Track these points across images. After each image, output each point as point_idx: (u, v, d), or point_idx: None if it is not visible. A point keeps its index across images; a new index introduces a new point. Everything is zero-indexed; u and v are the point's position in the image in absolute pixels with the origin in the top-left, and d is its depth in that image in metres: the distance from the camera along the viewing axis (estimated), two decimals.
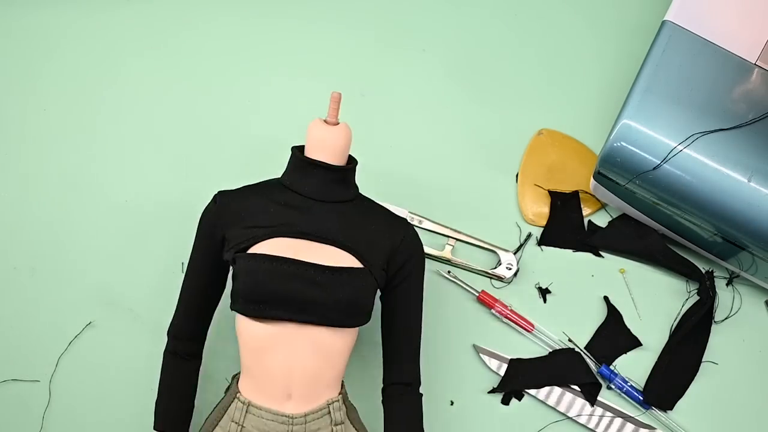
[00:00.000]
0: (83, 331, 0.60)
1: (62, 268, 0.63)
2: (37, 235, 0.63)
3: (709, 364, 0.63)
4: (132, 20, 0.70)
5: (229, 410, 0.50)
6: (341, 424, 0.50)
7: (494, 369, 0.62)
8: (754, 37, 0.62)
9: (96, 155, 0.66)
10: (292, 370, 0.49)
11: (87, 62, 0.68)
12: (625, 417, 0.62)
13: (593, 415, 0.61)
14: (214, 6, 0.71)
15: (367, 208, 0.53)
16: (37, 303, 0.62)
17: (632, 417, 0.62)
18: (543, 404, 0.62)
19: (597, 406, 0.62)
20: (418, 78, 0.70)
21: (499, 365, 0.62)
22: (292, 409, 0.49)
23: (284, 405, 0.49)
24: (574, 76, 0.71)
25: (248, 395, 0.49)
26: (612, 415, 0.61)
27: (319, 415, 0.49)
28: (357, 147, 0.62)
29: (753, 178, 0.58)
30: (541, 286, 0.65)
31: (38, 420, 0.59)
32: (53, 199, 0.64)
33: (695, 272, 0.65)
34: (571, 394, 0.62)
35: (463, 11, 0.72)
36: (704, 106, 0.60)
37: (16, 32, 0.68)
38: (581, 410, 0.61)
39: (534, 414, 0.62)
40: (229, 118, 0.68)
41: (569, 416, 0.61)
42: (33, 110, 0.66)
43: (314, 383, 0.49)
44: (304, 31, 0.71)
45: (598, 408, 0.62)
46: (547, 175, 0.67)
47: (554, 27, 0.72)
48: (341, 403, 0.51)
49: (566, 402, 0.61)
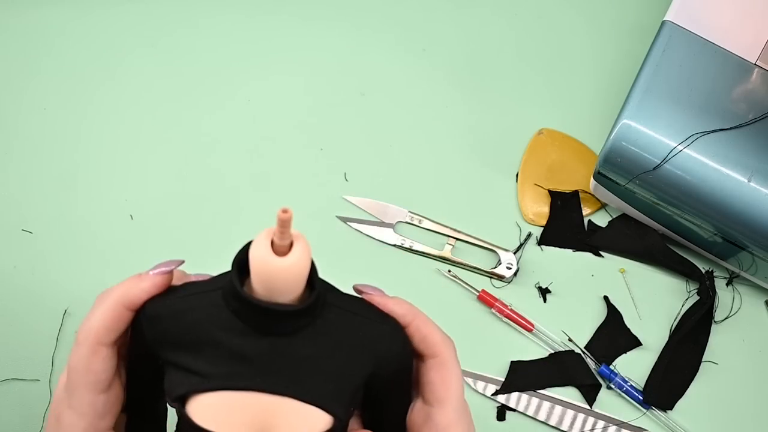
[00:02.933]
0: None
1: (64, 267, 0.63)
2: (38, 235, 0.63)
3: (709, 364, 0.63)
4: (133, 18, 0.70)
5: None
6: None
7: (480, 390, 0.61)
8: (754, 37, 0.62)
9: (96, 154, 0.66)
10: None
11: (87, 61, 0.68)
12: (618, 424, 0.61)
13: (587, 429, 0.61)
14: (214, 5, 0.71)
15: (337, 328, 0.40)
16: (38, 303, 0.61)
17: (626, 423, 0.61)
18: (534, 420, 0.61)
19: (589, 416, 0.61)
20: (417, 78, 0.70)
21: (485, 386, 0.61)
22: None
23: None
24: (574, 76, 0.71)
25: None
26: (605, 424, 0.61)
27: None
28: (358, 147, 0.62)
29: (753, 178, 0.58)
30: (541, 285, 0.65)
31: (39, 420, 0.59)
32: (53, 199, 0.64)
33: (695, 272, 0.65)
34: (561, 407, 0.61)
35: (464, 11, 0.72)
36: (704, 106, 0.60)
37: (16, 31, 0.68)
38: (572, 423, 0.61)
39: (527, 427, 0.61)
40: (230, 117, 0.68)
41: (562, 430, 0.61)
42: (33, 109, 0.66)
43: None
44: (303, 30, 0.71)
45: (589, 417, 0.61)
46: (547, 175, 0.67)
47: (554, 27, 0.72)
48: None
49: (556, 415, 0.61)
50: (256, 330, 0.38)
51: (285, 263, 0.36)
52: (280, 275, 0.36)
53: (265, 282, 0.37)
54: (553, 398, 0.61)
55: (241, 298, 0.38)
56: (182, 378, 0.39)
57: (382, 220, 0.65)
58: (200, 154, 0.66)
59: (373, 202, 0.66)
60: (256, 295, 0.38)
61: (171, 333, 0.39)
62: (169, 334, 0.39)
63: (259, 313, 0.38)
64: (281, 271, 0.36)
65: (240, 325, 0.38)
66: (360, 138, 0.67)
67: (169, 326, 0.39)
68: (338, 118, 0.68)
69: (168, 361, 0.40)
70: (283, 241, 0.36)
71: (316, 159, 0.67)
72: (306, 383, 0.38)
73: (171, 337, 0.39)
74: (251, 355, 0.38)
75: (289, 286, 0.37)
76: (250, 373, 0.38)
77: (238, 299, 0.38)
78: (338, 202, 0.66)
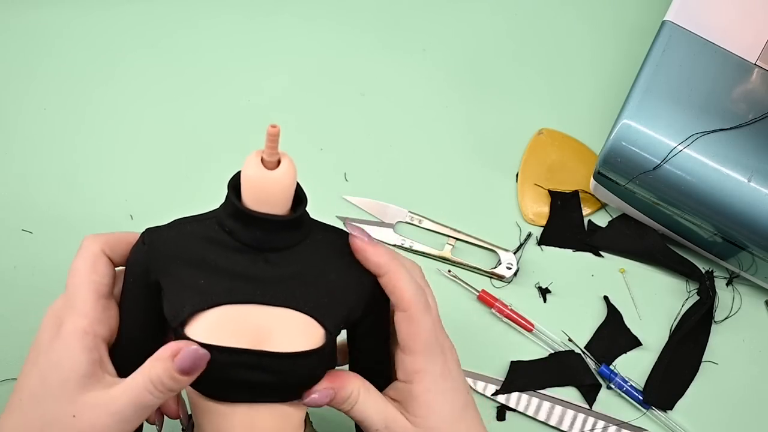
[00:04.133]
0: None
1: (64, 267, 0.63)
2: (38, 235, 0.63)
3: (709, 364, 0.63)
4: (133, 19, 0.70)
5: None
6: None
7: (480, 390, 0.61)
8: (754, 37, 0.62)
9: (96, 154, 0.66)
10: (251, 431, 0.42)
11: (87, 61, 0.68)
12: (618, 424, 0.61)
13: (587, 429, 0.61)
14: (214, 5, 0.71)
15: (324, 248, 0.43)
16: (38, 303, 0.61)
17: (626, 423, 0.61)
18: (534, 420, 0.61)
19: (589, 416, 0.61)
20: (418, 78, 0.70)
21: (485, 386, 0.61)
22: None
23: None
24: (574, 76, 0.71)
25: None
26: (605, 424, 0.61)
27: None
28: (357, 146, 0.62)
29: (753, 178, 0.58)
30: (541, 285, 0.65)
31: None
32: (53, 199, 0.64)
33: (695, 272, 0.65)
34: (561, 407, 0.61)
35: (464, 11, 0.72)
36: (704, 106, 0.60)
37: (16, 32, 0.68)
38: (572, 423, 0.61)
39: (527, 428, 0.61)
40: (230, 117, 0.68)
41: (562, 430, 0.61)
42: (33, 109, 0.66)
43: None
44: (303, 30, 0.71)
45: (589, 417, 0.61)
46: (547, 175, 0.67)
47: (554, 27, 0.72)
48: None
49: (556, 416, 0.61)
50: (251, 247, 0.41)
51: (276, 174, 0.40)
52: (272, 186, 0.40)
53: (258, 194, 0.40)
54: (553, 398, 0.61)
55: (237, 215, 0.41)
56: (182, 298, 0.40)
57: (382, 220, 0.65)
58: (200, 154, 0.66)
59: (373, 202, 0.66)
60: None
61: (170, 255, 0.41)
62: (168, 257, 0.41)
63: (254, 228, 0.41)
64: (273, 182, 0.40)
65: (236, 245, 0.41)
66: (360, 138, 0.67)
67: (168, 249, 0.41)
68: (338, 118, 0.68)
69: (167, 284, 0.41)
70: (272, 158, 0.40)
71: (316, 159, 0.67)
72: (301, 296, 0.41)
73: (170, 259, 0.41)
74: (248, 271, 0.41)
75: (279, 197, 0.40)
76: (248, 288, 0.40)
77: (234, 217, 0.41)
78: (338, 202, 0.66)
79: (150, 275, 0.42)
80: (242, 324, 0.40)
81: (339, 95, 0.69)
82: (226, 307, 0.40)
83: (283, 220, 0.41)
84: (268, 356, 0.40)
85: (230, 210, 0.41)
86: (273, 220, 0.40)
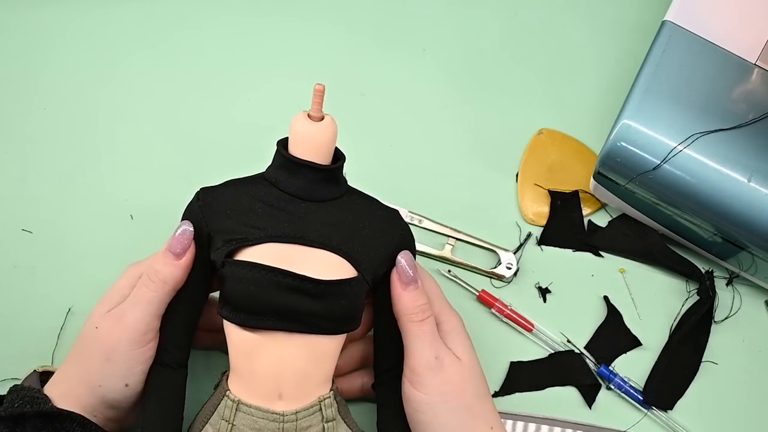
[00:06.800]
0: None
1: (64, 267, 0.63)
2: (38, 235, 0.63)
3: (709, 364, 0.63)
4: (133, 19, 0.70)
5: (219, 408, 0.48)
6: (332, 420, 0.49)
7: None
8: (754, 37, 0.62)
9: (96, 154, 0.66)
10: (281, 372, 0.47)
11: (87, 61, 0.68)
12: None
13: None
14: (215, 6, 0.71)
15: (359, 206, 0.49)
16: (38, 302, 0.62)
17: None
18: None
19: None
20: (418, 78, 0.70)
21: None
22: (282, 407, 0.48)
23: (275, 403, 0.47)
24: (574, 76, 0.71)
25: (238, 394, 0.48)
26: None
27: (311, 413, 0.49)
28: (357, 147, 0.62)
29: (753, 178, 0.58)
30: (541, 285, 0.65)
31: None
32: (53, 199, 0.64)
33: (695, 272, 0.65)
34: (559, 428, 0.61)
35: (464, 11, 0.72)
36: (704, 106, 0.60)
37: (16, 31, 0.69)
38: None
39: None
40: (230, 117, 0.68)
41: None
42: (33, 109, 0.66)
43: (304, 383, 0.48)
44: (304, 30, 0.71)
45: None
46: (547, 174, 0.67)
47: (554, 27, 0.72)
48: (332, 400, 0.49)
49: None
50: (296, 196, 0.48)
51: (320, 125, 0.48)
52: (317, 137, 0.48)
53: (305, 144, 0.48)
54: (554, 420, 0.61)
55: (284, 164, 0.48)
56: (233, 235, 0.47)
57: None
58: (200, 154, 0.66)
59: None
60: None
61: (221, 209, 0.48)
62: (219, 211, 0.48)
63: (299, 176, 0.47)
64: (317, 132, 0.48)
65: (282, 195, 0.48)
66: (360, 138, 0.67)
67: (219, 204, 0.48)
68: (338, 118, 0.68)
69: (217, 233, 0.48)
70: (317, 113, 0.48)
71: None
72: (338, 241, 0.47)
73: (221, 213, 0.48)
74: (291, 218, 0.47)
75: (323, 147, 0.48)
76: (291, 230, 0.47)
77: (281, 168, 0.48)
78: None
79: (201, 228, 0.48)
80: (285, 257, 0.46)
81: (339, 95, 0.69)
82: (271, 244, 0.46)
83: (325, 168, 0.48)
84: (309, 281, 0.45)
85: (278, 162, 0.49)
86: (316, 168, 0.47)
